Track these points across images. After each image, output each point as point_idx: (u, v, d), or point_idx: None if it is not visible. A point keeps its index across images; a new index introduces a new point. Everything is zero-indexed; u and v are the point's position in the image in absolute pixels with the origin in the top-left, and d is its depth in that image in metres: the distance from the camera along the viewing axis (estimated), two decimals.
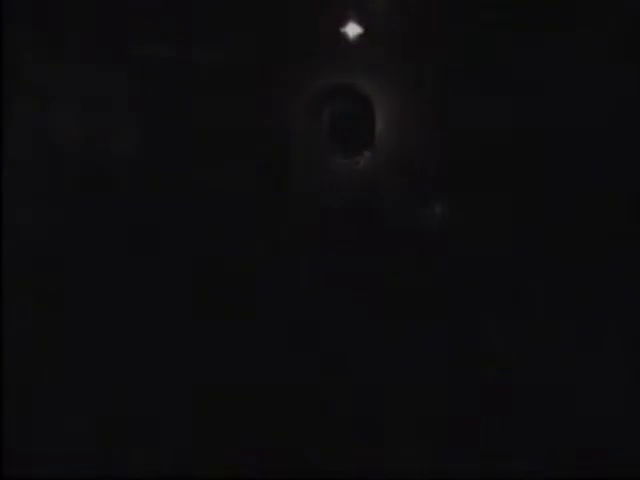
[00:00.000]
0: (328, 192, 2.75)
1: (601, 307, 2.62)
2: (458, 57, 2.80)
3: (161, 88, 3.13)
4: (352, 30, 2.97)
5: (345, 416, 2.56)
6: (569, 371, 2.58)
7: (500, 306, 2.66)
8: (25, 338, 2.57)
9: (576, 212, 2.68)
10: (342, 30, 2.96)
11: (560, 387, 2.56)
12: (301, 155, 2.89)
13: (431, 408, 2.56)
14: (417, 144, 2.81)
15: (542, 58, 2.80)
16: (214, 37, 3.06)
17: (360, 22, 2.92)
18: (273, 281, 2.74)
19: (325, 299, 2.72)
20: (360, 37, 2.90)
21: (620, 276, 2.62)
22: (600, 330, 2.61)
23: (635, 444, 2.46)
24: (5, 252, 2.76)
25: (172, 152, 3.01)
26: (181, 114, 3.01)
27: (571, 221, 2.67)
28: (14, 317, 2.61)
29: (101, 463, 2.49)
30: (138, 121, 3.17)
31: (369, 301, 2.70)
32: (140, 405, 2.56)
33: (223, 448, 2.51)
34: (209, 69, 3.00)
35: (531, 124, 2.69)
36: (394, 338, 2.68)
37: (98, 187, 3.15)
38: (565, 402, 2.55)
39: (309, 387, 2.60)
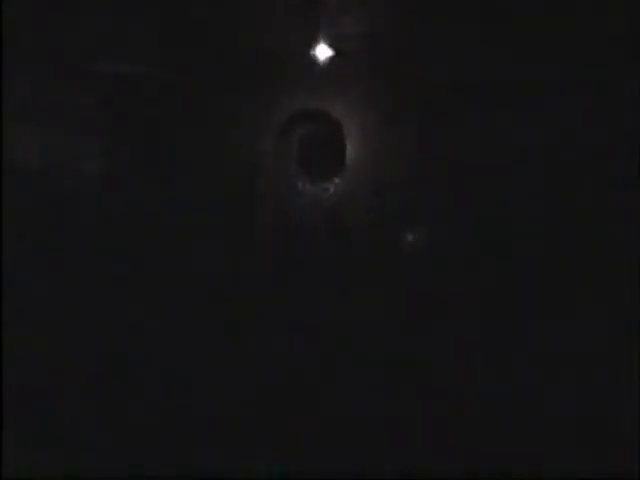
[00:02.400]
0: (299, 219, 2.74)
1: None
2: (433, 81, 2.77)
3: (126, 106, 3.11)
4: (322, 53, 2.92)
5: None
6: None
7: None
8: None
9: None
10: (312, 53, 2.92)
11: None
12: (270, 181, 2.88)
13: None
14: (389, 170, 2.80)
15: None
16: (180, 56, 3.03)
17: (331, 45, 2.87)
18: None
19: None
20: (331, 60, 2.86)
21: None
22: None
23: None
24: None
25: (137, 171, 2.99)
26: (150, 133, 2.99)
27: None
28: None
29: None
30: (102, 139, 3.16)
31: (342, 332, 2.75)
32: None
33: None
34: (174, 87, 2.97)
35: (508, 148, 2.67)
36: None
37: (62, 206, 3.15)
38: None
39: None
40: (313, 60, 2.93)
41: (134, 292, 2.82)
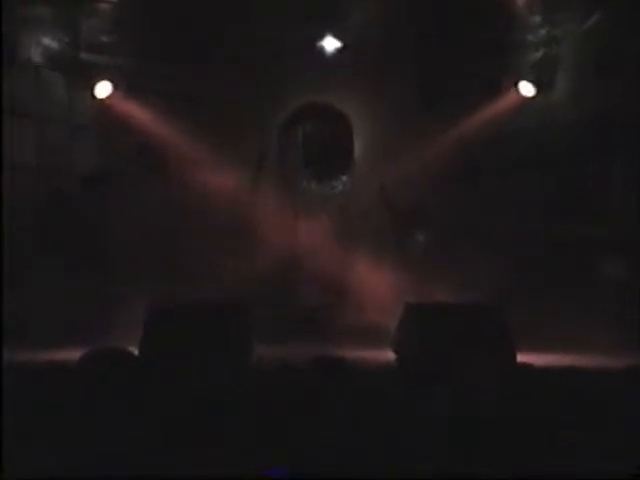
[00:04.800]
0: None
1: None
2: (440, 76, 2.70)
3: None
4: (330, 44, 2.80)
5: None
6: None
7: None
8: None
9: None
10: (319, 44, 2.80)
11: None
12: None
13: None
14: (399, 170, 2.72)
15: None
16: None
17: (339, 38, 2.75)
18: None
19: None
20: (340, 54, 2.74)
21: None
22: None
23: None
24: None
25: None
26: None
27: None
28: None
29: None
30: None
31: None
32: None
33: None
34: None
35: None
36: None
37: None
38: None
39: None
40: (321, 52, 2.83)
41: None
